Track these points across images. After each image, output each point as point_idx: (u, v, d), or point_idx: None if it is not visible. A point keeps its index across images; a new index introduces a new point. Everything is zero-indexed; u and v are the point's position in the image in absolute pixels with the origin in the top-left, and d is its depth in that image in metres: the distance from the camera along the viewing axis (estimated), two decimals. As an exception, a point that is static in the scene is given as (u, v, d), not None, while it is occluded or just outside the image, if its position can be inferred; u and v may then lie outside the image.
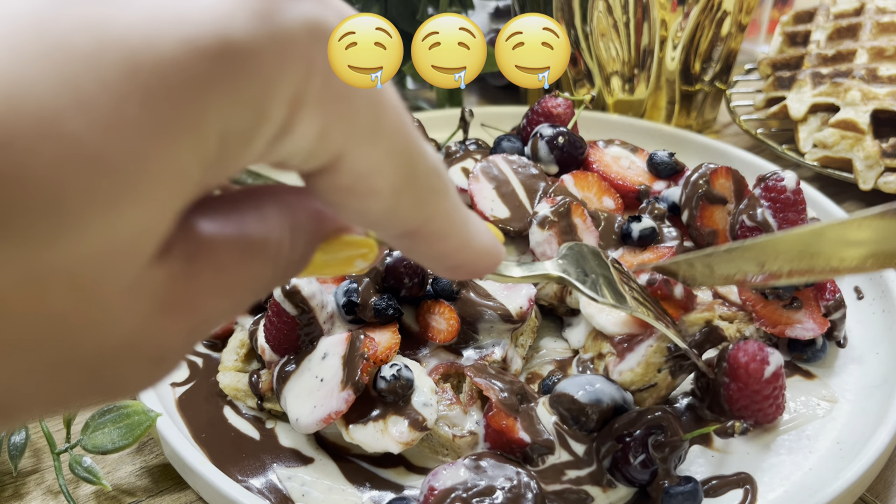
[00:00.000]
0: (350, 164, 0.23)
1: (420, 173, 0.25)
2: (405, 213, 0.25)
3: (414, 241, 0.27)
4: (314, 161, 0.22)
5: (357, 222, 0.26)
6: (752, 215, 0.69)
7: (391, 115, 0.24)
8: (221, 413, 0.61)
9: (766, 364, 0.56)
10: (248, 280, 0.23)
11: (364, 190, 0.23)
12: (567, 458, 0.53)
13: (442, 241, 0.27)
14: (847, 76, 0.91)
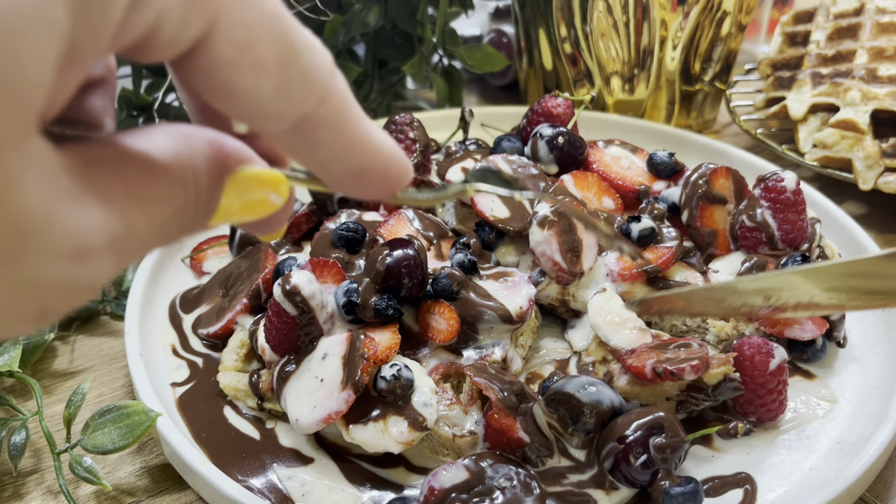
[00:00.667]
0: (226, 32, 0.22)
1: (300, 45, 0.24)
2: (298, 92, 0.24)
3: (314, 130, 0.26)
4: (189, 28, 0.22)
5: (249, 111, 0.25)
6: (752, 215, 0.69)
7: None
8: (221, 413, 0.61)
9: (772, 357, 0.57)
10: (160, 199, 0.23)
11: (248, 62, 0.23)
12: (568, 463, 0.53)
13: (343, 126, 0.26)
14: (847, 76, 0.91)
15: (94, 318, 0.73)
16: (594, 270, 0.68)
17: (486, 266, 0.67)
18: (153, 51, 0.22)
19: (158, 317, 0.70)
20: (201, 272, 0.76)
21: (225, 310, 0.68)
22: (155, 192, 0.23)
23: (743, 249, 0.70)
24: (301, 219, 0.77)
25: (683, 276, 0.68)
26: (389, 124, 0.76)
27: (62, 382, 0.66)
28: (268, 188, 0.28)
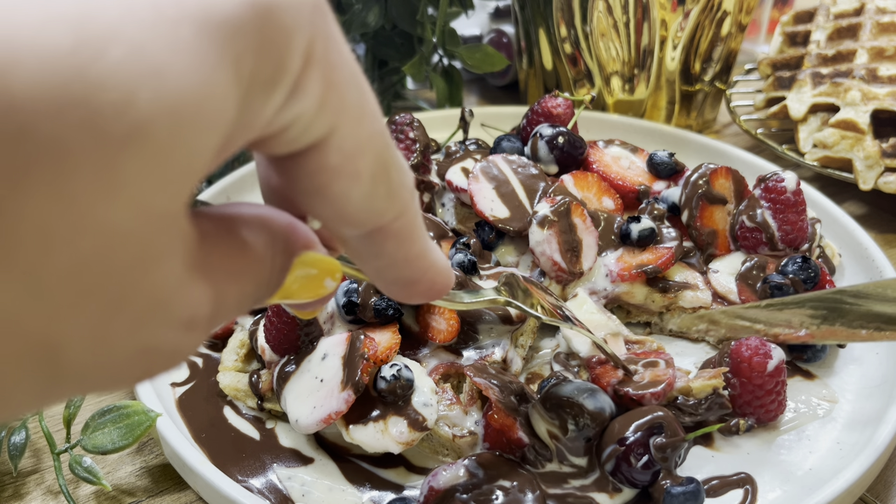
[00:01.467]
0: (339, 141, 0.24)
1: (393, 164, 0.26)
2: (380, 203, 0.26)
3: (383, 240, 0.27)
4: (312, 132, 0.23)
5: (334, 214, 0.26)
6: (752, 216, 0.69)
7: (372, 100, 0.25)
8: (221, 413, 0.61)
9: (769, 358, 0.57)
10: (249, 276, 0.25)
11: (349, 171, 0.24)
12: (569, 469, 0.53)
13: (409, 242, 0.28)
14: (847, 76, 0.91)
15: (93, 318, 0.73)
16: (593, 270, 0.68)
17: (486, 266, 0.67)
18: (274, 145, 0.24)
19: (158, 317, 0.69)
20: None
21: (225, 310, 0.68)
22: (247, 269, 0.25)
23: (743, 250, 0.70)
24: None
25: (683, 277, 0.68)
26: (389, 124, 0.76)
27: (62, 382, 0.66)
28: (326, 273, 0.29)
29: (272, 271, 0.26)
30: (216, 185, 0.82)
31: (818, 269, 0.64)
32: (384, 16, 0.96)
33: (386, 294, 0.32)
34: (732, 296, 0.67)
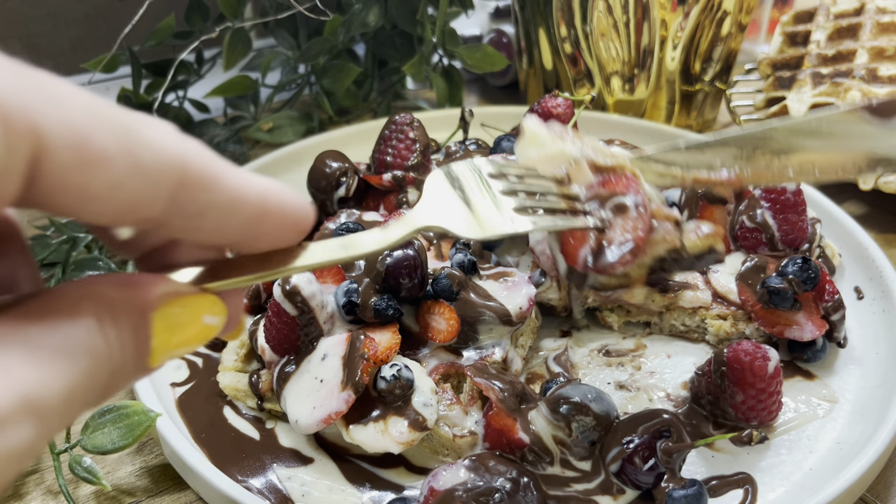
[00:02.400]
0: (57, 139, 0.22)
1: (134, 123, 0.24)
2: (153, 167, 0.24)
3: (193, 197, 0.25)
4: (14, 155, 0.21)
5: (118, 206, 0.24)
6: (752, 216, 0.69)
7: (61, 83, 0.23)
8: (221, 413, 0.61)
9: (768, 360, 0.56)
10: (70, 353, 0.23)
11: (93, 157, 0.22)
12: (573, 473, 0.53)
13: (218, 181, 0.26)
14: (847, 76, 0.91)
15: (93, 318, 0.73)
16: (594, 270, 0.68)
17: (486, 266, 0.67)
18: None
19: (158, 317, 0.69)
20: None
21: (225, 310, 0.68)
22: (62, 347, 0.23)
23: (743, 250, 0.70)
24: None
25: (683, 277, 0.68)
26: (389, 124, 0.76)
27: (62, 382, 0.66)
28: (199, 312, 0.27)
29: (120, 339, 0.24)
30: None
31: (818, 269, 0.64)
32: (384, 16, 0.96)
33: (257, 248, 0.30)
34: (732, 296, 0.67)
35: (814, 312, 0.64)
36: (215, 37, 0.88)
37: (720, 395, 0.58)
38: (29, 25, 1.02)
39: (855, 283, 0.73)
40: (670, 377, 0.65)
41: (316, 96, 0.99)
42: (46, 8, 1.02)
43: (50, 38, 1.04)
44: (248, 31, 0.93)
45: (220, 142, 0.94)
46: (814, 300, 0.65)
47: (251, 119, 0.97)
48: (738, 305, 0.66)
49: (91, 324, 0.23)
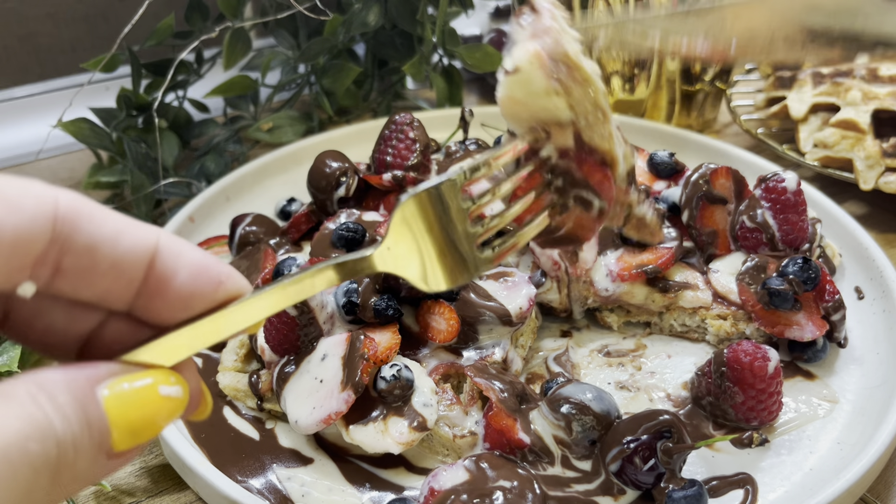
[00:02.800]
0: None
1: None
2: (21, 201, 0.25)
3: (75, 229, 0.27)
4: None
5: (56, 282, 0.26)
6: (753, 216, 0.69)
7: None
8: (221, 413, 0.60)
9: (768, 360, 0.56)
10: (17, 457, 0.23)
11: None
12: (573, 474, 0.53)
13: (92, 218, 0.27)
14: (848, 76, 0.91)
15: (93, 318, 0.73)
16: (594, 270, 0.68)
17: (486, 266, 0.67)
18: None
19: (158, 317, 0.69)
20: (201, 272, 0.75)
21: (225, 310, 0.68)
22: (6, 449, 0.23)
23: (743, 250, 0.70)
24: (300, 219, 0.76)
25: (683, 277, 0.68)
26: (389, 124, 0.76)
27: (62, 382, 0.66)
28: (151, 384, 0.27)
29: (71, 432, 0.24)
30: (215, 185, 0.82)
31: (819, 269, 0.64)
32: (384, 15, 0.96)
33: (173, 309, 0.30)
34: (733, 296, 0.67)
35: (814, 313, 0.64)
36: (215, 36, 0.88)
37: (720, 396, 0.58)
38: (29, 25, 1.02)
39: (855, 283, 0.72)
40: (670, 377, 0.65)
41: (316, 96, 0.99)
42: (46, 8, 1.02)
43: (50, 37, 1.04)
44: (247, 31, 0.93)
45: (219, 142, 0.94)
46: (814, 300, 0.64)
47: (251, 119, 0.97)
48: (738, 305, 0.66)
49: (24, 397, 0.24)
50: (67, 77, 1.06)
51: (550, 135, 0.46)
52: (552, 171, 0.47)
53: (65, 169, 0.98)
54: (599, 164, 0.47)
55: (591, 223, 0.49)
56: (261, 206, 0.81)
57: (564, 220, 0.48)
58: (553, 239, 0.49)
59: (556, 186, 0.47)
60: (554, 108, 0.45)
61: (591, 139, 0.47)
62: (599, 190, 0.48)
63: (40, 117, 0.90)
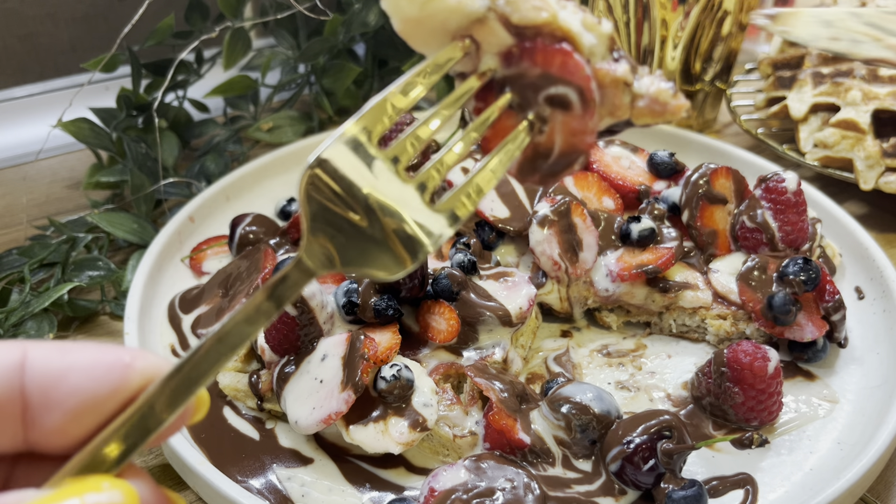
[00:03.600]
0: None
1: None
2: None
3: None
4: None
5: None
6: (753, 216, 0.69)
7: None
8: (221, 413, 0.60)
9: (768, 360, 0.56)
10: None
11: None
12: (574, 474, 0.53)
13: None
14: (848, 76, 0.91)
15: (93, 319, 0.73)
16: (594, 270, 0.68)
17: (486, 266, 0.67)
18: None
19: (158, 317, 0.69)
20: (200, 272, 0.75)
21: (224, 310, 0.68)
22: None
23: (743, 250, 0.70)
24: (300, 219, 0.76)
25: (683, 277, 0.68)
26: (389, 124, 0.76)
27: (62, 382, 0.66)
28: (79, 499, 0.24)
29: None
30: (215, 185, 0.82)
31: (819, 269, 0.64)
32: (384, 15, 0.96)
33: None
34: (733, 296, 0.67)
35: (814, 313, 0.64)
36: (215, 36, 0.88)
37: (720, 396, 0.58)
38: (29, 25, 1.02)
39: (856, 283, 0.72)
40: (671, 377, 0.65)
41: (316, 96, 0.99)
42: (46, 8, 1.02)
43: (50, 37, 1.04)
44: (247, 31, 0.93)
45: (219, 142, 0.94)
46: (814, 300, 0.64)
47: (251, 119, 0.97)
48: (738, 305, 0.66)
49: None
50: (67, 77, 1.06)
51: (478, 42, 0.36)
52: (504, 86, 0.37)
53: (65, 169, 0.98)
54: (552, 45, 0.36)
55: (581, 123, 0.37)
56: (261, 206, 0.81)
57: (551, 138, 0.37)
58: (551, 166, 0.39)
59: (519, 102, 0.37)
60: (457, 2, 0.36)
61: (524, 18, 0.36)
62: (566, 75, 0.36)
63: (40, 117, 0.90)
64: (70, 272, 0.74)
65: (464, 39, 0.36)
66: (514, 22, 0.36)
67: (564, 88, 0.37)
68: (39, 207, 0.89)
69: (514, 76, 0.37)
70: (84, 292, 0.75)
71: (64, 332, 0.71)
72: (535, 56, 0.36)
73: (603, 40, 0.38)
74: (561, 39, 0.37)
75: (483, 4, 0.36)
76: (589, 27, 0.38)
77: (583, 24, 0.38)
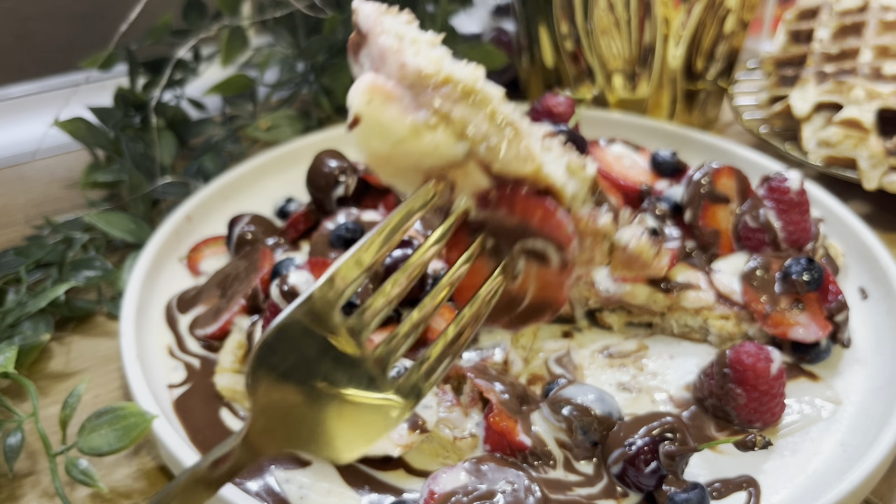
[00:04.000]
0: None
1: None
2: None
3: None
4: None
5: None
6: (756, 216, 0.68)
7: None
8: (218, 415, 0.60)
9: (771, 361, 0.56)
10: None
11: None
12: (575, 478, 0.53)
13: None
14: (851, 74, 0.90)
15: (90, 319, 0.73)
16: (594, 270, 0.67)
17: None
18: None
19: (155, 317, 0.69)
20: (198, 272, 0.75)
21: (222, 310, 0.67)
22: None
23: (746, 250, 0.70)
24: (299, 219, 0.76)
25: (686, 277, 0.68)
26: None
27: (58, 383, 0.66)
28: None
29: None
30: (213, 184, 0.82)
31: (822, 269, 0.63)
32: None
33: None
34: (736, 296, 0.66)
35: (817, 313, 0.64)
36: (213, 35, 0.88)
37: (723, 397, 0.58)
38: (26, 23, 1.01)
39: (860, 283, 0.72)
40: (673, 378, 0.64)
41: (315, 95, 0.99)
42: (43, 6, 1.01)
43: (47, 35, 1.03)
44: (245, 30, 0.92)
45: (217, 141, 0.93)
46: (817, 301, 0.64)
47: (249, 118, 0.97)
48: (741, 306, 0.66)
49: None
50: (65, 76, 1.05)
51: (453, 182, 0.34)
52: (478, 228, 0.35)
53: (62, 168, 0.97)
54: (535, 197, 0.34)
55: (557, 278, 0.35)
56: (259, 205, 0.81)
57: (524, 287, 0.36)
58: (521, 315, 0.38)
59: (492, 246, 0.35)
60: (434, 146, 0.33)
61: (506, 167, 0.33)
62: (547, 231, 0.34)
63: (37, 116, 0.90)
64: (67, 272, 0.73)
65: (438, 181, 0.34)
66: (496, 171, 0.34)
67: (543, 244, 0.35)
68: (37, 207, 0.89)
69: (491, 221, 0.35)
70: (81, 292, 0.75)
71: (60, 333, 0.71)
72: (514, 205, 0.34)
73: (586, 184, 0.37)
74: (543, 191, 0.34)
75: (462, 150, 0.33)
76: (573, 171, 0.37)
77: (567, 170, 0.36)
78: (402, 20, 0.34)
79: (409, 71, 0.32)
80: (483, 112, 0.33)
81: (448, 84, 0.33)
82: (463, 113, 0.33)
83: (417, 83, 0.32)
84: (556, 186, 0.35)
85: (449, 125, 0.33)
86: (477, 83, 0.34)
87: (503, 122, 0.34)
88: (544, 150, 0.35)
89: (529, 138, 0.35)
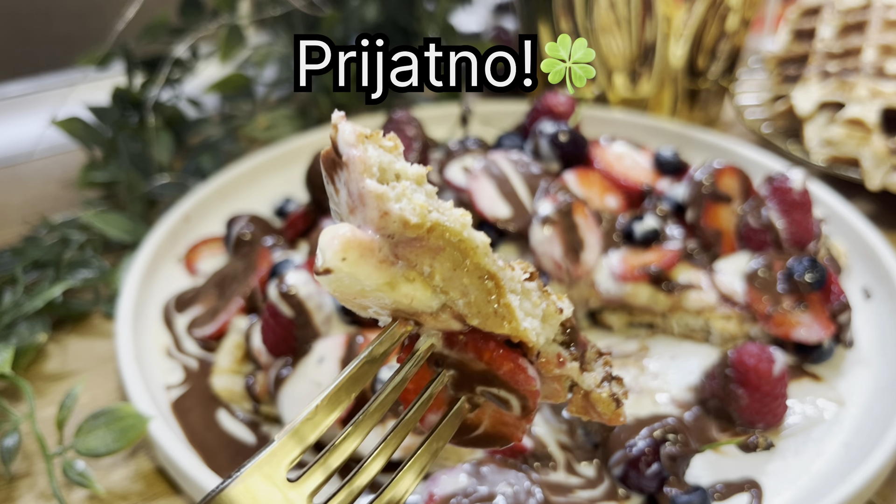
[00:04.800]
0: None
1: None
2: None
3: None
4: None
5: None
6: (758, 216, 0.68)
7: None
8: (215, 417, 0.59)
9: (774, 362, 0.56)
10: None
11: None
12: (577, 481, 0.52)
13: None
14: (854, 73, 0.90)
15: (86, 319, 0.72)
16: (596, 270, 0.67)
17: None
18: None
19: (152, 318, 0.68)
20: (195, 272, 0.74)
21: (220, 311, 0.67)
22: None
23: (749, 249, 0.69)
24: (297, 218, 0.75)
25: (688, 277, 0.67)
26: (388, 122, 0.75)
27: (54, 384, 0.65)
28: None
29: None
30: (210, 183, 0.81)
31: (825, 270, 0.63)
32: (382, 11, 0.94)
33: None
34: (738, 296, 0.66)
35: (820, 313, 0.63)
36: (211, 33, 0.87)
37: (725, 398, 0.57)
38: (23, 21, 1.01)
39: (863, 283, 0.71)
40: (674, 379, 0.64)
41: (313, 93, 0.98)
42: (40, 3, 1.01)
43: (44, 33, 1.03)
44: (243, 28, 0.92)
45: (215, 140, 0.92)
46: (820, 301, 0.63)
47: (247, 117, 0.96)
48: (743, 306, 0.65)
49: None
50: (61, 74, 1.05)
51: (421, 323, 0.33)
52: (440, 362, 0.33)
53: (59, 168, 0.96)
54: (506, 350, 0.33)
55: (516, 422, 0.35)
56: (257, 205, 0.80)
57: (479, 418, 0.35)
58: (474, 440, 0.36)
59: (455, 380, 0.33)
60: (410, 299, 0.31)
61: (482, 324, 0.32)
62: (514, 385, 0.33)
63: (34, 115, 0.89)
64: (64, 272, 0.73)
65: (404, 322, 0.33)
66: (471, 323, 0.32)
67: (507, 395, 0.34)
68: (33, 207, 0.88)
69: (455, 360, 0.33)
70: (78, 293, 0.74)
71: (58, 333, 0.70)
72: (482, 353, 0.33)
73: (556, 325, 0.35)
74: (515, 344, 0.33)
75: (438, 304, 0.32)
76: (549, 316, 0.35)
77: (543, 316, 0.35)
78: (386, 146, 0.32)
79: (391, 220, 0.30)
80: (465, 264, 0.32)
81: (433, 233, 0.31)
82: (443, 267, 0.32)
83: (399, 233, 0.30)
84: (529, 344, 0.34)
85: (427, 279, 0.32)
86: (464, 232, 0.32)
87: (485, 274, 0.32)
88: (524, 296, 0.34)
89: (509, 295, 0.33)
